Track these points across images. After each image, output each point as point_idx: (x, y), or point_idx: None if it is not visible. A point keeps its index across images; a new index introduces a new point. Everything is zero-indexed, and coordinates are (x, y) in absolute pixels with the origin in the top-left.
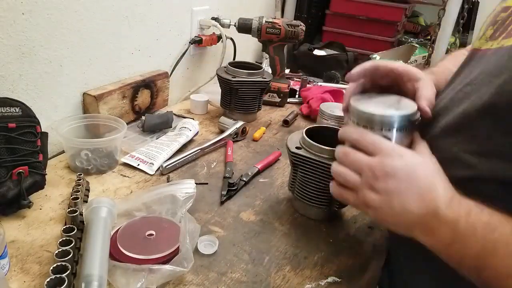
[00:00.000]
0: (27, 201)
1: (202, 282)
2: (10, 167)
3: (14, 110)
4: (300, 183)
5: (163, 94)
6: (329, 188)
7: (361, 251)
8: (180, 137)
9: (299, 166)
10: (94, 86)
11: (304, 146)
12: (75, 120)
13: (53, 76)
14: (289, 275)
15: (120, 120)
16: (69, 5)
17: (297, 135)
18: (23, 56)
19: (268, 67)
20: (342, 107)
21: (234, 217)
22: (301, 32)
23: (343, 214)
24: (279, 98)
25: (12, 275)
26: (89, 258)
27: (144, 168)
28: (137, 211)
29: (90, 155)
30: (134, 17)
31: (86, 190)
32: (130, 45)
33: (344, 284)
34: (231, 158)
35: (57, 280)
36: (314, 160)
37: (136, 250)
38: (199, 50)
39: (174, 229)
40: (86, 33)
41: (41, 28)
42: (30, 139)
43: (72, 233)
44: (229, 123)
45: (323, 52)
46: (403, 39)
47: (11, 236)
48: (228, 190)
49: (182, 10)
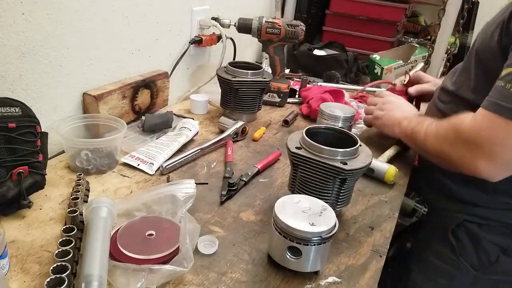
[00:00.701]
0: (27, 201)
1: (202, 282)
2: (10, 167)
3: (14, 110)
4: (300, 183)
5: (163, 94)
6: (328, 187)
7: (361, 251)
8: (180, 137)
9: (299, 166)
10: (94, 86)
11: (304, 146)
12: (75, 120)
13: (53, 76)
14: (289, 275)
15: (120, 120)
16: (69, 5)
17: (297, 135)
18: (23, 56)
19: (268, 67)
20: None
21: (234, 217)
22: (301, 32)
23: (343, 214)
24: (279, 98)
25: (12, 275)
26: (89, 258)
27: (144, 168)
28: (137, 211)
29: (90, 155)
30: (134, 17)
31: (86, 190)
32: (130, 45)
33: (344, 284)
34: (231, 158)
35: (57, 280)
36: (314, 160)
37: (136, 250)
38: (199, 50)
39: (174, 229)
40: (86, 33)
41: (41, 28)
42: (30, 139)
43: (72, 233)
44: (229, 123)
45: (323, 52)
46: (403, 39)
47: (11, 236)
48: (228, 190)
49: (182, 10)
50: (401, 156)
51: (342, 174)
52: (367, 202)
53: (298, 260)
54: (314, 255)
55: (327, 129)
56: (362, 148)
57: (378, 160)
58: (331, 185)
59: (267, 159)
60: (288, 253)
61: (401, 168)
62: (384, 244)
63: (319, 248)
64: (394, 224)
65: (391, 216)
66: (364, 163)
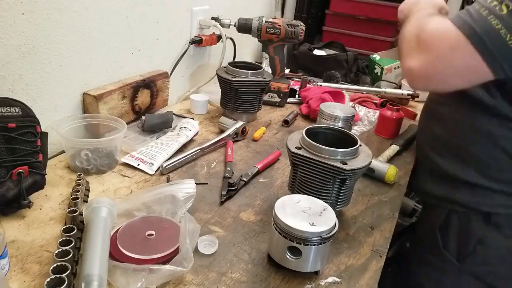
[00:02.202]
0: (27, 201)
1: (202, 282)
2: (10, 167)
3: (14, 110)
4: (300, 183)
5: (163, 94)
6: (328, 187)
7: (361, 251)
8: (180, 137)
9: (299, 166)
10: (94, 86)
11: (304, 146)
12: (75, 120)
13: (53, 76)
14: (289, 275)
15: (120, 120)
16: (69, 5)
17: (297, 135)
18: (23, 56)
19: (268, 67)
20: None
21: (234, 217)
22: (301, 32)
23: (343, 214)
24: (279, 98)
25: (12, 275)
26: (89, 258)
27: (144, 168)
28: (137, 211)
29: (90, 155)
30: (134, 17)
31: (86, 190)
32: (130, 45)
33: (344, 284)
34: (231, 158)
35: (57, 280)
36: (314, 160)
37: (136, 250)
38: (199, 50)
39: (174, 229)
40: (86, 33)
41: (41, 28)
42: (30, 139)
43: (72, 233)
44: (229, 123)
45: (323, 52)
46: None
47: (11, 236)
48: (228, 190)
49: (182, 10)
50: (401, 156)
51: (342, 174)
52: (367, 202)
53: (298, 260)
54: (314, 255)
55: (327, 129)
56: (362, 148)
57: (378, 160)
58: (331, 185)
59: (267, 159)
60: (288, 253)
61: (401, 168)
62: (384, 244)
63: (319, 248)
64: (394, 224)
65: (391, 216)
66: (364, 163)
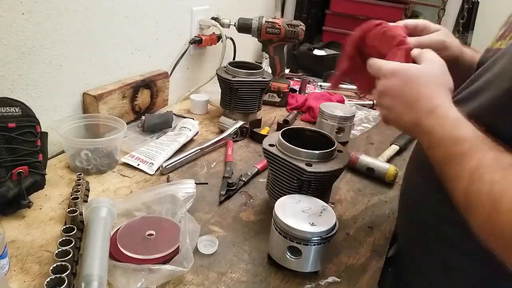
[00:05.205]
0: (27, 201)
1: (202, 282)
2: (10, 167)
3: (14, 110)
4: (272, 182)
5: (163, 94)
6: (294, 189)
7: (361, 251)
8: (180, 137)
9: (270, 163)
10: (94, 86)
11: (277, 144)
12: (75, 120)
13: (53, 76)
14: (289, 275)
15: (120, 120)
16: (69, 5)
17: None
18: (23, 56)
19: (268, 67)
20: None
21: (234, 217)
22: (301, 32)
23: (343, 214)
24: (279, 98)
25: (12, 275)
26: (89, 258)
27: (144, 168)
28: (137, 211)
29: (90, 155)
30: (134, 17)
31: (86, 190)
32: (130, 45)
33: (344, 284)
34: (231, 158)
35: (57, 280)
36: (280, 158)
37: (136, 250)
38: (199, 50)
39: (174, 229)
40: (86, 33)
41: (41, 28)
42: (30, 139)
43: (72, 233)
44: (229, 123)
45: (323, 52)
46: None
47: (11, 236)
48: (227, 190)
49: (182, 10)
50: (401, 156)
51: (303, 175)
52: (367, 202)
53: (298, 260)
54: (314, 255)
55: (309, 131)
56: (341, 154)
57: (378, 160)
58: (296, 187)
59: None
60: (288, 253)
61: (401, 168)
62: (384, 244)
63: (319, 248)
64: (394, 224)
65: (391, 216)
66: (332, 168)
